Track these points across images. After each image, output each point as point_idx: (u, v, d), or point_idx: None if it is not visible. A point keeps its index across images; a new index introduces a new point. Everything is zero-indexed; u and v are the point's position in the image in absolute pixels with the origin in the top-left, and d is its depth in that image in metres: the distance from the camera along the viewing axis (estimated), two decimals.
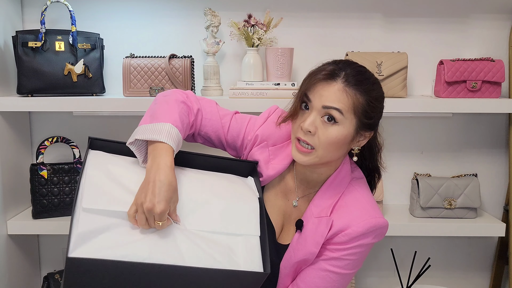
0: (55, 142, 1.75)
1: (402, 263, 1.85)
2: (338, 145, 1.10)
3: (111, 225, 0.96)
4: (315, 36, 1.90)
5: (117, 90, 1.87)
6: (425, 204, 1.81)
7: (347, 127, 1.09)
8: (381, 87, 1.16)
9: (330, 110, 1.07)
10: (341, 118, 1.07)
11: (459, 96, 1.76)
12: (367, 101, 1.09)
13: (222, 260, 1.00)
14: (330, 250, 1.14)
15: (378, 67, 1.72)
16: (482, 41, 1.91)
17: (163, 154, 1.02)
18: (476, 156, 1.99)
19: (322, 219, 1.14)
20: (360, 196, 1.17)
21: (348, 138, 1.10)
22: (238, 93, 1.70)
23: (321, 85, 1.09)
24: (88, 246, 0.92)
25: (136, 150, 1.07)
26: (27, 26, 1.86)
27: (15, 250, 1.79)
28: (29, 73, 1.67)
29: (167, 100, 1.14)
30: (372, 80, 1.13)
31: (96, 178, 1.03)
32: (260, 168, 1.22)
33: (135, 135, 1.07)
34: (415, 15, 1.90)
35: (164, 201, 0.96)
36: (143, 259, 0.94)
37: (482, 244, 2.06)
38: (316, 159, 1.11)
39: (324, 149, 1.10)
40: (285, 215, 1.25)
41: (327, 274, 1.14)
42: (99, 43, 1.76)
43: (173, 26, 1.89)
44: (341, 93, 1.07)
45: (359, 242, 1.12)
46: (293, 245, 1.18)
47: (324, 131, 1.08)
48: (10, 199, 1.74)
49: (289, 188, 1.25)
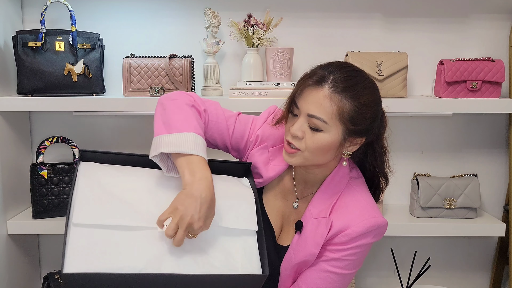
0: (55, 142, 1.75)
1: (402, 263, 1.85)
2: (325, 150, 1.10)
3: (104, 237, 0.95)
4: (315, 36, 1.90)
5: (117, 90, 1.87)
6: (425, 204, 1.81)
7: (333, 134, 1.08)
8: (375, 91, 1.13)
9: (313, 119, 1.07)
10: (325, 126, 1.07)
11: (459, 96, 1.76)
12: (354, 107, 1.07)
13: (220, 266, 0.99)
14: (330, 250, 1.14)
15: (378, 67, 1.72)
16: (482, 41, 1.91)
17: (201, 168, 1.02)
18: (476, 156, 1.99)
19: (321, 220, 1.14)
20: (359, 196, 1.17)
21: (335, 144, 1.10)
22: (238, 93, 1.70)
23: (309, 91, 1.09)
24: (83, 260, 0.92)
25: (159, 161, 1.06)
26: (27, 26, 1.86)
27: (15, 250, 1.79)
28: (29, 73, 1.67)
29: (178, 106, 1.12)
30: (364, 85, 1.10)
31: (87, 190, 1.02)
32: (259, 170, 1.22)
33: (158, 148, 1.04)
34: (415, 15, 1.90)
35: (205, 218, 0.98)
36: (139, 270, 0.93)
37: (482, 244, 2.06)
38: (303, 160, 1.12)
39: (310, 153, 1.10)
40: (284, 216, 1.25)
41: (328, 275, 1.14)
42: (99, 43, 1.76)
43: (173, 26, 1.89)
44: (326, 100, 1.06)
45: (359, 242, 1.12)
46: (293, 247, 1.18)
47: (310, 136, 1.09)
48: (10, 199, 1.74)
49: (288, 189, 1.25)
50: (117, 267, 0.92)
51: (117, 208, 1.00)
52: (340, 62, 1.15)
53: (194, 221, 0.96)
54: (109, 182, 1.04)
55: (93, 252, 0.93)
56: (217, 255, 1.01)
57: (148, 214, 1.01)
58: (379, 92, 1.15)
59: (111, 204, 1.00)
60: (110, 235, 0.96)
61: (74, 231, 0.95)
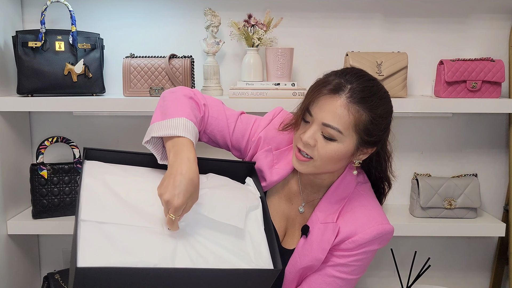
0: (55, 142, 1.75)
1: (402, 263, 1.85)
2: (336, 159, 1.09)
3: (114, 233, 0.95)
4: (315, 36, 1.89)
5: (117, 90, 1.87)
6: (425, 204, 1.81)
7: (346, 144, 1.07)
8: (389, 101, 1.12)
9: (328, 128, 1.05)
10: (340, 136, 1.05)
11: (459, 96, 1.76)
12: (371, 118, 1.06)
13: (233, 260, 0.99)
14: (337, 256, 1.14)
15: (378, 67, 1.72)
16: (482, 41, 1.91)
17: (185, 149, 1.00)
18: (476, 156, 1.99)
19: (328, 225, 1.13)
20: (366, 202, 1.16)
21: (347, 154, 1.09)
22: (238, 93, 1.70)
23: (325, 99, 1.06)
24: (96, 255, 0.90)
25: (152, 148, 1.07)
26: (27, 26, 1.86)
27: (15, 250, 1.79)
28: (29, 73, 1.67)
29: (176, 96, 1.13)
30: (380, 95, 1.09)
31: (93, 190, 1.01)
32: (263, 173, 1.21)
33: (150, 133, 1.05)
34: (415, 15, 1.90)
35: (183, 195, 0.94)
36: (154, 265, 0.93)
37: (482, 244, 2.06)
38: (313, 169, 1.11)
39: (322, 162, 1.09)
40: (289, 219, 1.24)
41: (334, 280, 1.14)
42: (99, 43, 1.76)
43: (173, 26, 1.89)
44: (343, 109, 1.04)
45: (365, 249, 1.12)
46: (299, 251, 1.17)
47: (323, 145, 1.07)
48: (10, 199, 1.74)
49: (293, 192, 1.24)
50: (131, 262, 0.91)
51: (123, 209, 0.99)
52: (355, 69, 1.13)
53: (173, 197, 0.93)
54: (115, 182, 1.04)
55: (105, 247, 0.92)
56: (230, 250, 1.01)
57: (154, 215, 1.01)
58: (391, 102, 1.13)
59: (117, 204, 1.00)
60: (120, 232, 0.96)
61: (84, 227, 0.94)
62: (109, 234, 0.95)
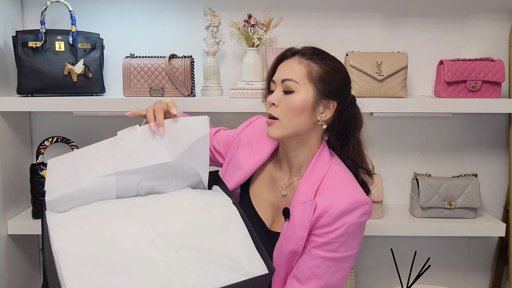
0: (55, 142, 1.75)
1: (402, 263, 1.85)
2: (298, 111, 1.16)
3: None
4: (315, 36, 1.89)
5: (117, 90, 1.87)
6: (425, 204, 1.81)
7: (304, 94, 1.16)
8: (342, 65, 1.23)
9: (286, 82, 1.17)
10: (297, 86, 1.16)
11: (459, 96, 1.76)
12: (323, 68, 1.17)
13: (228, 275, 0.98)
14: (318, 235, 1.15)
15: (378, 67, 1.72)
16: (482, 41, 1.91)
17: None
18: (476, 156, 1.99)
19: (306, 204, 1.16)
20: (340, 177, 1.19)
21: (307, 104, 1.16)
22: (238, 93, 1.70)
23: (282, 65, 1.21)
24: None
25: None
26: (27, 26, 1.86)
27: (15, 250, 1.80)
28: (29, 73, 1.67)
29: None
30: (331, 57, 1.22)
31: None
32: (241, 164, 1.30)
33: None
34: (415, 15, 1.90)
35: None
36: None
37: (482, 244, 2.06)
38: (281, 130, 1.18)
39: (287, 117, 1.17)
40: (274, 206, 1.28)
41: (322, 261, 1.14)
42: (99, 43, 1.76)
43: (173, 26, 1.89)
44: (296, 64, 1.18)
45: (343, 221, 1.12)
46: (284, 234, 1.19)
47: (284, 101, 1.17)
48: (10, 199, 1.74)
49: (275, 178, 1.29)
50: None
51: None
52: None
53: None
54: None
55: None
56: (222, 265, 0.99)
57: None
58: (345, 68, 1.24)
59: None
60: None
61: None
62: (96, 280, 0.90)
